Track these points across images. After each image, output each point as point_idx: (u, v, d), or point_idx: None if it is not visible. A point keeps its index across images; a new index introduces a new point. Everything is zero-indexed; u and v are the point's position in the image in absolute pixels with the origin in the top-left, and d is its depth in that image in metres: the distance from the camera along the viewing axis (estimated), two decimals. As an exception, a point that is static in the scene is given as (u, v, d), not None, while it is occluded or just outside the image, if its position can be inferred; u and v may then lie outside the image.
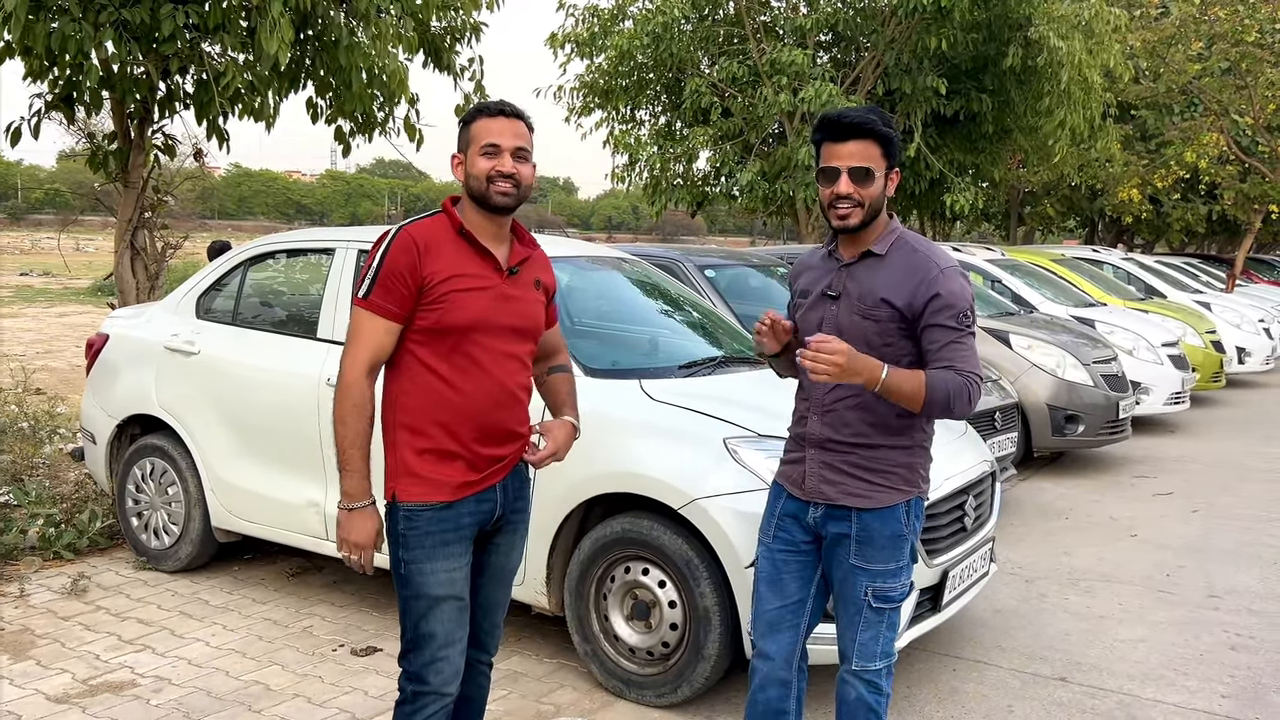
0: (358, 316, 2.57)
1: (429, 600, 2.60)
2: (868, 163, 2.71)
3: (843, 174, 2.72)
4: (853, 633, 2.86)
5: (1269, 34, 16.93)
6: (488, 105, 2.66)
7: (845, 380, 2.62)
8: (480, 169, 2.59)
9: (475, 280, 2.60)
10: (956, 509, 4.08)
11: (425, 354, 2.59)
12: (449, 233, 2.61)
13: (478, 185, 2.61)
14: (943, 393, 2.66)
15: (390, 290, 2.53)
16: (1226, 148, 18.15)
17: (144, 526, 5.32)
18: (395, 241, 2.55)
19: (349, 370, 2.55)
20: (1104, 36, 11.97)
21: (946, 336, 2.70)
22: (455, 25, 7.57)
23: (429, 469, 2.59)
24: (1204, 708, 4.00)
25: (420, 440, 2.60)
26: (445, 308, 2.55)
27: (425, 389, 2.59)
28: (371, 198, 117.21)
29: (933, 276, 2.70)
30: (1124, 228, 26.50)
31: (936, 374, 2.69)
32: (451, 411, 2.60)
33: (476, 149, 2.61)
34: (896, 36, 12.28)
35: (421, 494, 2.58)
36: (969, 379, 2.69)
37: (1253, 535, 6.47)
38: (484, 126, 2.62)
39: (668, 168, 13.86)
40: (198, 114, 6.66)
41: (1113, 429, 8.26)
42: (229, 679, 4.05)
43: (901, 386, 2.65)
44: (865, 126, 2.71)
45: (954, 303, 2.69)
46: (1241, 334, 13.63)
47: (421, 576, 2.59)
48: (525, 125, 2.67)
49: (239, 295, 5.20)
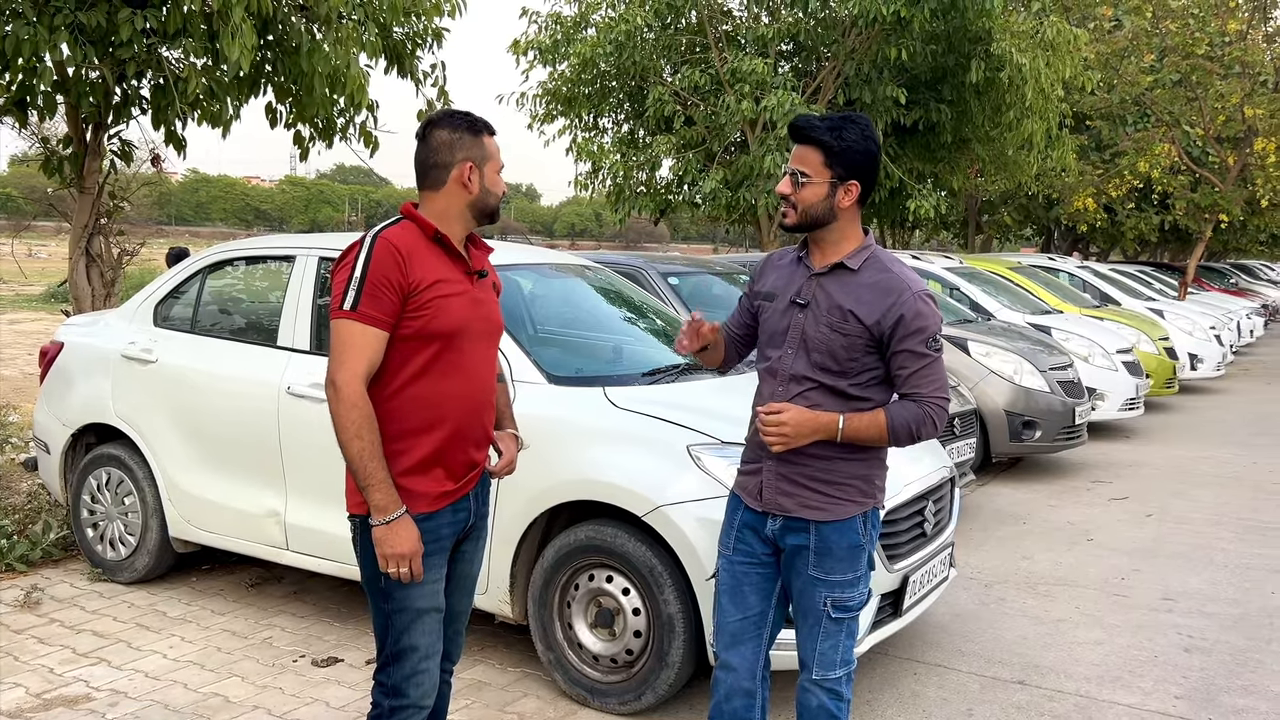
0: (346, 329, 2.49)
1: (413, 613, 2.58)
2: (804, 167, 2.75)
3: (786, 175, 2.77)
4: (813, 642, 2.87)
5: (1218, 47, 17.29)
6: (483, 122, 2.70)
7: (802, 442, 2.71)
8: (500, 188, 2.70)
9: (453, 286, 2.60)
10: (917, 514, 4.12)
11: (408, 361, 2.56)
12: (422, 239, 2.60)
13: (495, 202, 2.69)
14: (905, 429, 2.73)
15: (378, 299, 2.49)
16: (1178, 158, 18.50)
17: (100, 537, 5.24)
18: (376, 250, 2.51)
19: (349, 384, 2.47)
20: (1064, 52, 12.17)
21: (915, 363, 2.73)
22: (417, 31, 7.55)
23: (410, 480, 2.58)
24: (1158, 709, 4.07)
25: (401, 450, 2.57)
26: (430, 314, 2.54)
27: (409, 398, 2.57)
28: (332, 204, 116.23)
29: (905, 299, 2.72)
30: (1079, 236, 26.91)
31: (896, 410, 2.74)
32: (435, 418, 2.59)
33: (495, 167, 2.68)
34: (857, 47, 12.41)
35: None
36: (931, 407, 2.74)
37: (1204, 539, 6.58)
38: (496, 146, 2.71)
39: (631, 175, 13.88)
40: (154, 119, 6.58)
41: (1069, 435, 8.38)
42: (187, 691, 4.00)
43: (861, 434, 2.73)
44: (805, 132, 2.75)
45: (924, 325, 2.72)
46: (1194, 341, 13.89)
47: (404, 590, 2.57)
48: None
49: (198, 303, 5.14)
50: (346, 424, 2.48)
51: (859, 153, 2.73)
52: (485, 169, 2.66)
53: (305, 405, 4.46)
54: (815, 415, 2.72)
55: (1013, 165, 14.71)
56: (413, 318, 2.54)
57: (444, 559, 2.66)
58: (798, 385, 2.79)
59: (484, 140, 2.66)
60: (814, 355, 2.78)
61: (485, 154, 2.66)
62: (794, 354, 2.81)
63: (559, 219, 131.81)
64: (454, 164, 2.64)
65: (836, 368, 2.75)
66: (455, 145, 2.64)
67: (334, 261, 4.66)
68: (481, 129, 2.67)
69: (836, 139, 2.70)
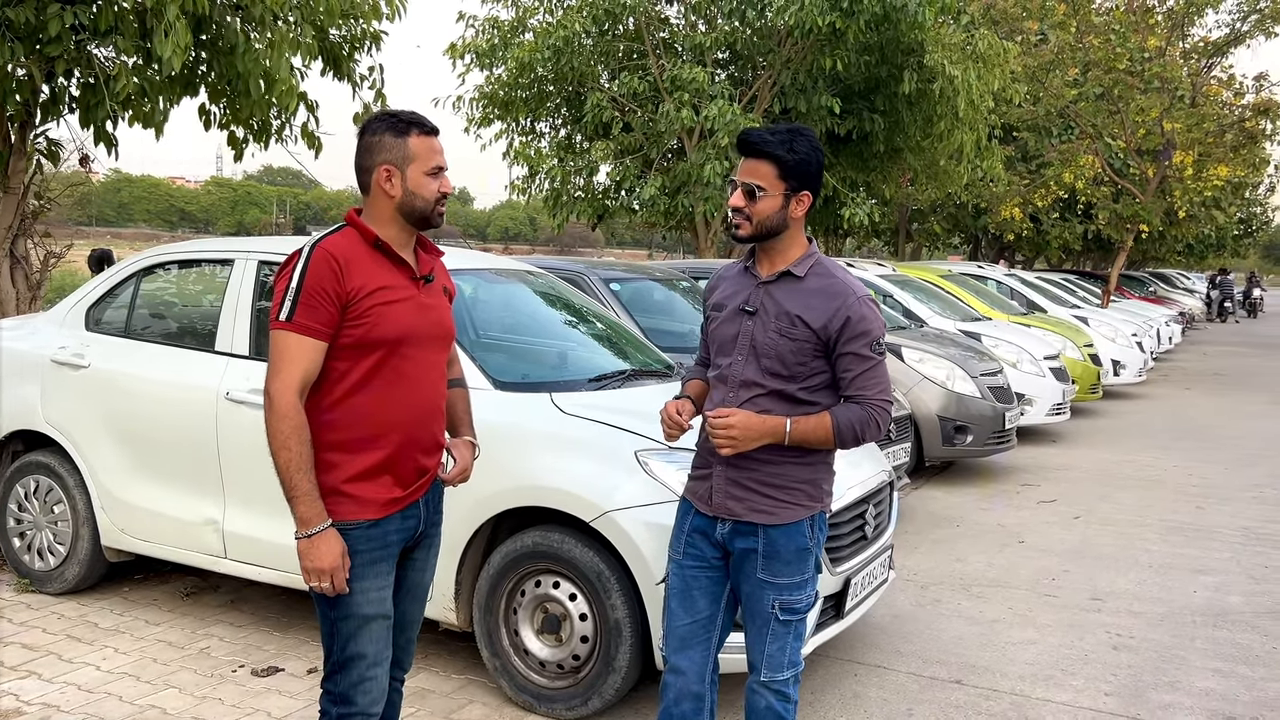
0: (282, 340, 2.47)
1: (359, 620, 2.56)
2: (759, 180, 2.79)
3: (737, 189, 2.81)
4: (761, 644, 2.91)
5: (1139, 63, 17.85)
6: (420, 120, 2.62)
7: (749, 447, 2.77)
8: (430, 190, 2.60)
9: (396, 292, 2.57)
10: (857, 518, 4.19)
11: (350, 370, 2.53)
12: (363, 246, 2.57)
13: (423, 205, 2.60)
14: (850, 431, 2.80)
15: (315, 309, 2.46)
16: (1101, 169, 19.05)
17: (26, 547, 5.10)
18: (313, 259, 2.48)
19: (282, 394, 2.45)
20: (995, 64, 12.46)
21: (860, 366, 2.79)
22: (355, 34, 7.47)
23: (356, 487, 2.55)
24: (1090, 705, 4.19)
25: (348, 458, 2.55)
26: (371, 322, 2.51)
27: (353, 406, 2.55)
28: (260, 205, 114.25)
29: (850, 303, 2.78)
30: (1005, 245, 27.53)
31: (841, 413, 2.81)
32: (381, 426, 2.57)
33: (421, 168, 2.59)
34: (793, 57, 12.57)
35: (349, 512, 2.54)
36: (875, 409, 2.81)
37: (1129, 540, 6.78)
38: (426, 145, 2.60)
39: (568, 180, 13.90)
40: (82, 118, 6.42)
41: (999, 439, 8.57)
42: (122, 704, 3.91)
43: (808, 437, 2.79)
44: (759, 146, 2.79)
45: (868, 329, 2.79)
46: (1116, 348, 14.29)
47: (350, 596, 2.55)
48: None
49: (132, 307, 5.03)
50: (276, 433, 2.46)
51: (811, 164, 2.80)
52: (408, 171, 2.59)
53: (244, 411, 4.39)
54: (763, 419, 2.77)
55: (944, 175, 15.02)
56: (353, 326, 2.51)
57: (392, 565, 2.65)
58: (748, 391, 2.84)
59: (409, 141, 2.58)
60: (763, 361, 2.83)
61: (407, 155, 2.59)
62: (744, 360, 2.86)
63: (492, 223, 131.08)
64: (373, 167, 2.60)
65: (785, 372, 2.81)
66: (375, 148, 2.60)
67: (276, 268, 4.63)
68: (407, 129, 2.59)
69: (789, 152, 2.75)
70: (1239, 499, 8.09)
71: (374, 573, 2.58)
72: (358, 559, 2.54)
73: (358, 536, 2.55)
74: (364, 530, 2.55)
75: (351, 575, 2.54)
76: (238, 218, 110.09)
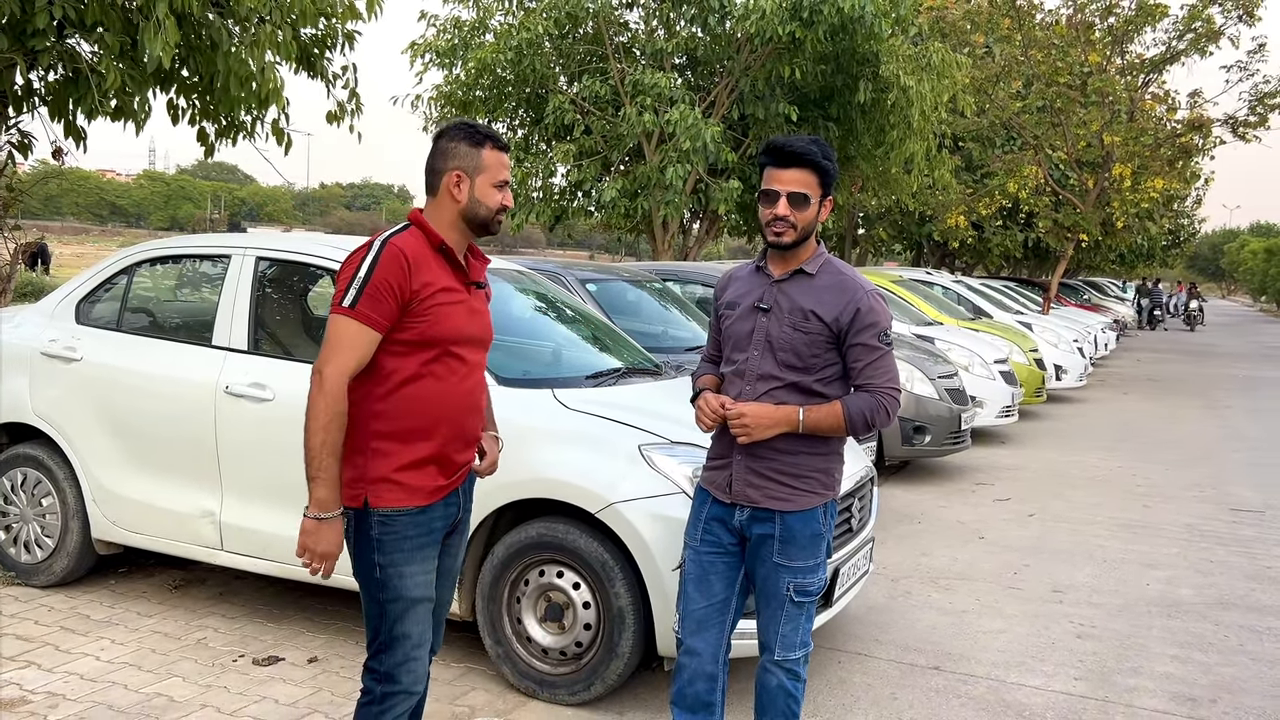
0: (342, 325, 2.57)
1: (407, 602, 2.68)
2: (805, 189, 2.96)
3: (782, 197, 2.96)
4: (775, 625, 3.08)
5: (1079, 76, 18.41)
6: (491, 134, 2.78)
7: (764, 435, 2.95)
8: (494, 201, 2.75)
9: (454, 295, 2.70)
10: (845, 511, 4.37)
11: (408, 364, 2.64)
12: (428, 247, 2.69)
13: (486, 214, 2.75)
14: (861, 417, 2.98)
15: (379, 302, 2.57)
16: (1043, 180, 19.60)
17: (13, 540, 5.08)
18: (385, 254, 2.59)
19: (334, 378, 2.55)
20: (946, 76, 12.81)
21: (869, 356, 2.98)
22: (329, 32, 7.51)
23: (406, 476, 2.66)
24: (1062, 689, 4.42)
25: (399, 448, 2.66)
26: (432, 320, 2.64)
27: (407, 398, 2.66)
28: (193, 200, 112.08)
29: (859, 297, 2.98)
30: (948, 252, 28.14)
31: (852, 401, 3.00)
32: (432, 419, 2.69)
33: (490, 179, 2.74)
34: (751, 64, 12.80)
35: (399, 499, 2.65)
36: (884, 396, 3.00)
37: (1082, 537, 7.08)
38: (497, 159, 2.75)
39: (526, 182, 13.98)
40: (53, 111, 6.40)
41: (955, 439, 8.86)
42: (128, 692, 3.95)
43: (821, 424, 2.98)
44: (807, 157, 2.96)
45: (876, 320, 2.98)
46: (1059, 353, 14.75)
47: (400, 580, 2.66)
48: None
49: (124, 301, 5.05)
50: (319, 414, 2.55)
51: (836, 173, 2.99)
52: (477, 180, 2.73)
53: (244, 405, 4.45)
54: (775, 409, 2.95)
55: (894, 182, 15.37)
56: (415, 322, 2.63)
57: (436, 551, 2.76)
58: (765, 384, 3.01)
59: (482, 152, 2.74)
60: (779, 354, 3.00)
61: (479, 165, 2.73)
62: (760, 355, 3.03)
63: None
64: (445, 171, 2.74)
65: (801, 364, 2.98)
66: (449, 154, 2.74)
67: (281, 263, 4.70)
68: (483, 141, 2.74)
69: (827, 160, 2.96)
70: (1182, 498, 8.46)
71: (421, 558, 2.69)
72: (407, 544, 2.66)
73: (406, 523, 2.66)
74: (412, 517, 2.67)
75: (401, 560, 2.66)
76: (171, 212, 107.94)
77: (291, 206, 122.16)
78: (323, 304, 5.28)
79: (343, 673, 4.21)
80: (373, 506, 2.65)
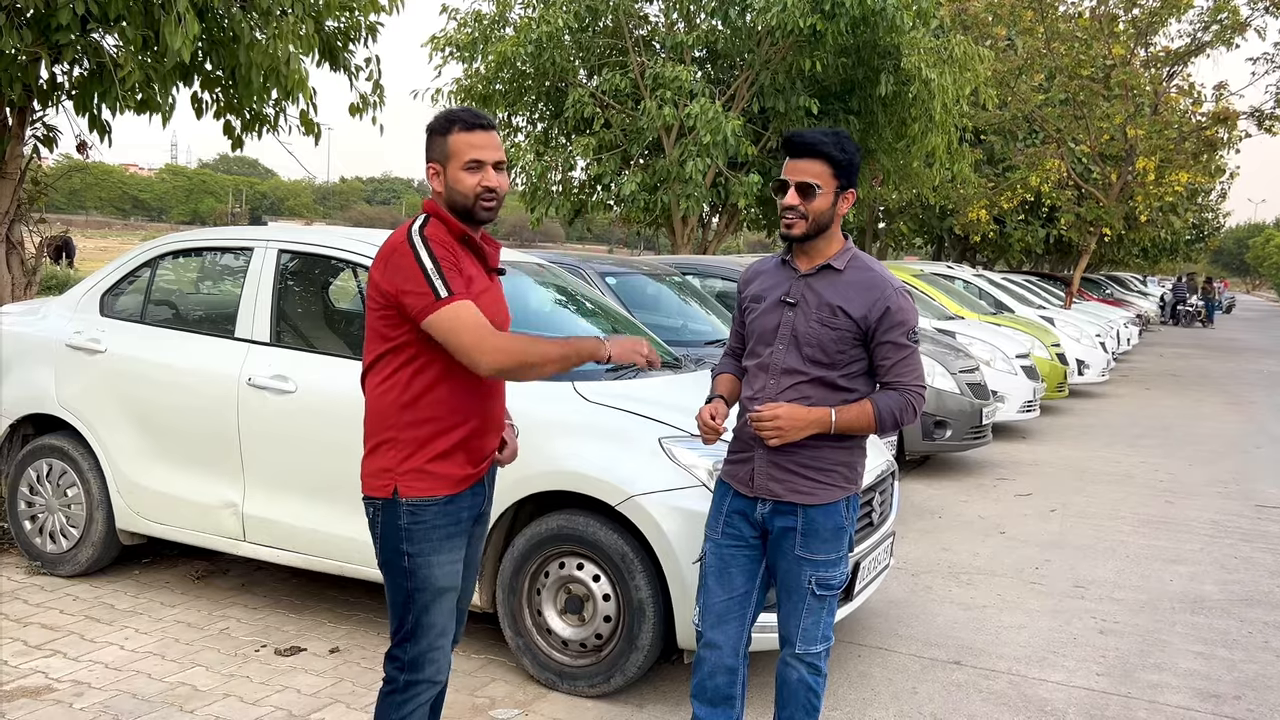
0: (453, 312, 2.54)
1: (434, 591, 2.68)
2: (814, 179, 2.94)
3: (791, 187, 2.96)
4: (796, 619, 3.07)
5: (1103, 69, 18.27)
6: (461, 116, 2.68)
7: (797, 438, 2.93)
8: (467, 185, 2.65)
9: (480, 284, 2.71)
10: (865, 505, 4.36)
11: (439, 354, 2.63)
12: (451, 237, 2.69)
13: (464, 200, 2.67)
14: (890, 415, 2.98)
15: (456, 279, 2.57)
16: (1065, 174, 19.46)
17: (39, 530, 5.13)
18: (431, 242, 2.59)
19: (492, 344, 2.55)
20: (970, 69, 12.73)
21: (897, 354, 2.97)
22: (352, 25, 7.53)
23: (437, 465, 2.67)
24: (1083, 685, 4.40)
25: (431, 438, 2.66)
26: None
27: (438, 389, 2.66)
28: (215, 194, 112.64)
29: (888, 294, 2.97)
30: (969, 246, 27.99)
31: (881, 399, 2.99)
32: (462, 409, 2.69)
33: (459, 164, 2.65)
34: (772, 57, 12.75)
35: (428, 489, 2.66)
36: (912, 394, 3.00)
37: (1105, 532, 7.04)
38: (464, 140, 2.65)
39: (546, 175, 13.99)
40: (78, 105, 6.44)
41: (976, 434, 8.82)
42: (152, 681, 3.99)
43: (853, 425, 2.97)
44: (817, 147, 2.95)
45: (905, 319, 2.97)
46: (1081, 347, 14.64)
47: (428, 569, 2.67)
48: (497, 134, 2.77)
49: (148, 293, 5.08)
50: (525, 358, 2.59)
51: (856, 163, 2.97)
52: (448, 167, 2.67)
53: (266, 396, 4.48)
54: (808, 410, 2.94)
55: (915, 176, 15.29)
56: None
57: (464, 540, 2.77)
58: (790, 378, 2.99)
59: (449, 138, 2.65)
60: (805, 349, 2.98)
61: (446, 152, 2.66)
62: (785, 349, 3.01)
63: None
64: (427, 166, 2.72)
65: (826, 360, 2.97)
66: (428, 147, 2.72)
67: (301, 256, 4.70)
68: (449, 126, 2.66)
69: (840, 151, 2.92)
70: (1205, 493, 8.39)
71: (449, 546, 2.70)
72: (436, 533, 2.67)
73: (435, 512, 2.67)
74: (441, 506, 2.67)
75: (429, 549, 2.66)
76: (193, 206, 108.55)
77: (312, 201, 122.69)
78: (344, 296, 5.30)
79: (364, 663, 4.24)
80: (402, 496, 2.65)
